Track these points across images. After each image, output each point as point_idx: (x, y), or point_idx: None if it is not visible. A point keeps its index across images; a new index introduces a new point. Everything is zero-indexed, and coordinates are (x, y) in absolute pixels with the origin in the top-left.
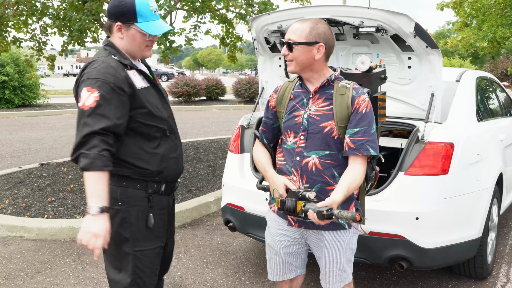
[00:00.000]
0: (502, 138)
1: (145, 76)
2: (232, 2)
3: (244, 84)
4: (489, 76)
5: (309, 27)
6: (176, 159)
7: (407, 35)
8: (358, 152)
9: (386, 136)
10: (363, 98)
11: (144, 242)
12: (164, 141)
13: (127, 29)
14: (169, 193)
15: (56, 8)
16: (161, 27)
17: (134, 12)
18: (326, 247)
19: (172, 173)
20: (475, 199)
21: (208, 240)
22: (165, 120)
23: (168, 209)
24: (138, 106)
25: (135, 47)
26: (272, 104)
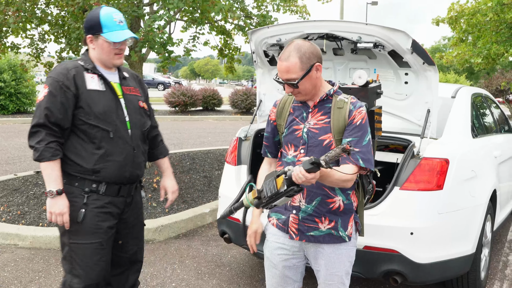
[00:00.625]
0: (497, 155)
1: (106, 82)
2: (231, 14)
3: (240, 95)
4: (484, 93)
5: (299, 58)
6: (120, 163)
7: (404, 51)
8: (348, 160)
9: (382, 150)
10: (360, 110)
11: (78, 236)
12: (107, 143)
13: (96, 39)
14: (114, 194)
15: (55, 15)
16: (123, 35)
17: (99, 24)
18: (325, 259)
19: (112, 175)
20: (470, 215)
21: (203, 251)
22: (112, 124)
23: (119, 211)
24: (82, 105)
25: (104, 55)
26: (272, 118)
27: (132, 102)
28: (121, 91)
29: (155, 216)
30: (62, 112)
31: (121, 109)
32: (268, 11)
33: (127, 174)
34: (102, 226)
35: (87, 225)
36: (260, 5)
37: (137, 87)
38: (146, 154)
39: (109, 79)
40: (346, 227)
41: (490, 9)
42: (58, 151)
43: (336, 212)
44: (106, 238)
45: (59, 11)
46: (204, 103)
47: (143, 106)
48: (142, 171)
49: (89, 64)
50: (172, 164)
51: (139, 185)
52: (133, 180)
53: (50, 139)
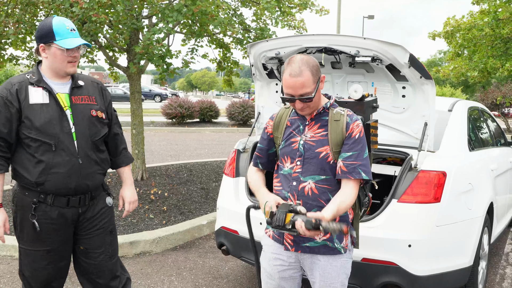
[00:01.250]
0: (493, 168)
1: (51, 94)
2: (229, 27)
3: (237, 107)
4: (480, 106)
5: (310, 71)
6: (63, 174)
7: (402, 65)
8: (350, 175)
9: (379, 163)
10: (357, 124)
11: (27, 242)
12: (49, 156)
13: (49, 48)
14: (63, 206)
15: None
16: (76, 42)
17: (52, 32)
18: (321, 271)
19: (58, 187)
20: (467, 227)
21: (200, 263)
22: (53, 136)
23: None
24: (24, 119)
25: (57, 63)
26: (269, 130)
27: (82, 111)
28: (68, 102)
29: (152, 227)
30: (7, 127)
31: (66, 120)
32: (266, 25)
33: (72, 186)
34: (51, 235)
35: (35, 234)
36: (259, 19)
37: (94, 95)
38: (104, 162)
39: (57, 90)
40: (342, 239)
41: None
42: (1, 166)
43: None
44: (56, 246)
45: None
46: (201, 115)
47: (97, 115)
48: (96, 180)
49: (36, 77)
50: (170, 175)
51: (103, 193)
52: (82, 191)
53: None
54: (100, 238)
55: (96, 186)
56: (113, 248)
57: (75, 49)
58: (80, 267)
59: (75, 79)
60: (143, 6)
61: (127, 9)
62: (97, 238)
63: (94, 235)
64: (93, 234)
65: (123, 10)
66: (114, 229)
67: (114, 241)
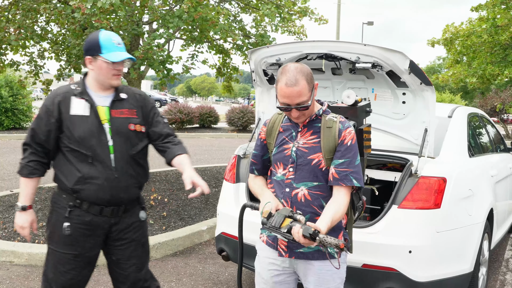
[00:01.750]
0: (493, 174)
1: (92, 106)
2: (230, 33)
3: (237, 112)
4: (480, 113)
5: (305, 80)
6: (99, 186)
7: (402, 72)
8: (342, 182)
9: (380, 169)
10: (349, 131)
11: (57, 243)
12: (86, 167)
13: (95, 60)
14: (97, 213)
15: (55, 33)
16: (122, 56)
17: (98, 46)
18: (315, 276)
19: (92, 197)
20: (467, 233)
21: (200, 269)
22: (91, 148)
23: (103, 230)
24: (64, 130)
25: (102, 76)
26: (262, 136)
27: (120, 125)
28: (107, 115)
29: (152, 233)
30: (46, 135)
31: (104, 134)
32: (266, 31)
33: (106, 198)
34: (80, 240)
35: (66, 237)
36: (258, 25)
37: (135, 108)
38: (140, 176)
39: (98, 103)
40: None
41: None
42: (36, 170)
43: None
44: (84, 252)
45: (60, 28)
46: (200, 121)
47: (135, 129)
48: (131, 194)
49: (80, 88)
50: (169, 181)
51: (138, 206)
52: (116, 203)
53: (31, 158)
54: (131, 250)
55: (131, 199)
56: (143, 260)
57: (120, 62)
58: (111, 274)
59: (118, 92)
60: (144, 12)
61: (128, 15)
62: (128, 250)
63: (126, 247)
64: (125, 246)
65: (124, 16)
66: (146, 242)
67: (145, 253)
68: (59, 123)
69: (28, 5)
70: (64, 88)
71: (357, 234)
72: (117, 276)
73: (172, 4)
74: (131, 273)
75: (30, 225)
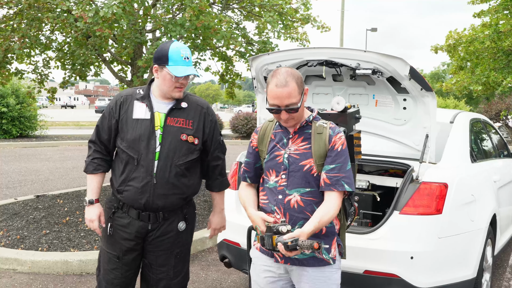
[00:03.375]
0: (496, 179)
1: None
2: (232, 41)
3: (241, 119)
4: (482, 118)
5: (295, 82)
6: (137, 189)
7: (402, 78)
8: (334, 187)
9: (381, 175)
10: (339, 136)
11: (104, 242)
12: (131, 169)
13: (161, 70)
14: (135, 217)
15: (60, 42)
16: (185, 71)
17: (166, 57)
18: (310, 283)
19: (131, 199)
20: (469, 239)
21: (203, 276)
22: (138, 152)
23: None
24: (120, 131)
25: (164, 86)
26: (254, 144)
27: (172, 134)
28: (162, 122)
29: None
30: (107, 134)
31: (154, 139)
32: (268, 38)
33: (142, 202)
34: (120, 242)
35: (109, 237)
36: (261, 32)
37: (193, 119)
38: (186, 187)
39: (157, 108)
40: (330, 250)
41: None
42: (100, 166)
43: (319, 235)
44: (122, 254)
45: (64, 37)
46: None
47: (187, 140)
48: (169, 203)
49: (143, 93)
50: None
51: (180, 216)
52: (152, 210)
53: (96, 155)
54: (164, 258)
55: (170, 209)
56: (177, 270)
57: (183, 76)
58: (142, 276)
59: (180, 101)
60: (147, 20)
61: (131, 24)
62: (161, 258)
63: (159, 254)
64: (159, 253)
65: (127, 24)
66: (181, 253)
67: (180, 264)
68: (117, 124)
69: (32, 14)
70: (128, 91)
71: (359, 240)
72: (148, 279)
73: (175, 12)
74: (162, 279)
75: (98, 218)
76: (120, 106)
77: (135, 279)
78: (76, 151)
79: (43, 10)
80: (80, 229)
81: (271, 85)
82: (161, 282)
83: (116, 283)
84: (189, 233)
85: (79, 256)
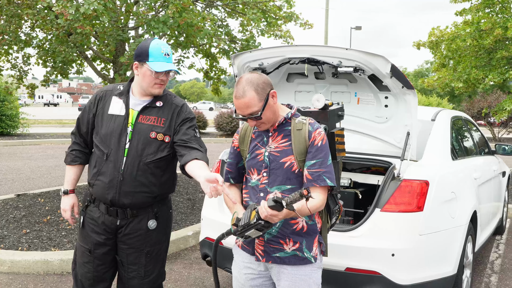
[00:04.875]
0: (476, 177)
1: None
2: (216, 39)
3: (226, 117)
4: (463, 116)
5: (254, 91)
6: (105, 184)
7: (384, 76)
8: (316, 183)
9: (363, 172)
10: (319, 132)
11: (79, 236)
12: (101, 163)
13: (141, 67)
14: (104, 212)
15: (41, 39)
16: (165, 66)
17: (147, 53)
18: (289, 281)
19: (99, 194)
20: (450, 236)
21: (185, 275)
22: (109, 147)
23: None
24: (95, 125)
25: (144, 83)
26: (235, 144)
27: (141, 131)
28: (133, 119)
29: None
30: (86, 127)
31: (124, 136)
32: (252, 35)
33: (109, 197)
34: (91, 235)
35: (82, 230)
36: (245, 30)
37: (165, 117)
38: (155, 186)
39: (132, 106)
40: (311, 248)
41: (469, 35)
42: (78, 158)
43: (300, 233)
44: (93, 248)
45: (45, 34)
46: None
47: (156, 137)
48: (136, 201)
49: (122, 89)
50: None
51: (150, 214)
52: (118, 206)
53: (74, 147)
54: (135, 256)
55: (137, 207)
56: (148, 269)
57: (163, 73)
58: (118, 272)
59: (154, 100)
60: (129, 17)
61: (113, 21)
62: (131, 256)
63: (129, 252)
64: (129, 251)
65: (109, 21)
66: (152, 252)
67: (151, 263)
68: (94, 118)
69: (11, 11)
70: (109, 86)
71: (340, 238)
72: (121, 276)
73: (157, 9)
74: (134, 278)
75: (71, 208)
76: (98, 100)
77: (109, 275)
78: (59, 150)
79: (22, 7)
80: (61, 228)
81: (233, 95)
82: (132, 281)
83: (89, 277)
84: (161, 232)
85: (60, 255)
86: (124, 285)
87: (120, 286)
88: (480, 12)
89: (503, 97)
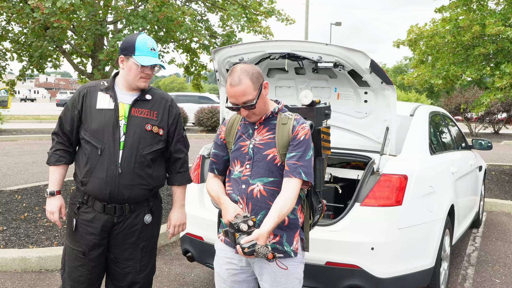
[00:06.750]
0: (454, 171)
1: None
2: (196, 34)
3: (206, 113)
4: (441, 111)
5: (250, 79)
6: (102, 180)
7: (363, 71)
8: (291, 174)
9: (343, 167)
10: (303, 127)
11: (69, 239)
12: (95, 159)
13: (127, 60)
14: (100, 211)
15: (16, 33)
16: (151, 61)
17: (133, 47)
18: (271, 276)
19: (95, 191)
20: (428, 229)
21: (166, 271)
22: (102, 141)
23: (105, 228)
24: (83, 121)
25: (130, 76)
26: (222, 136)
27: (136, 124)
28: (126, 112)
29: None
30: (70, 125)
31: (118, 130)
32: (233, 31)
33: (107, 192)
34: (86, 237)
35: (74, 233)
36: (225, 24)
37: (157, 111)
38: (152, 178)
39: (121, 99)
40: (292, 242)
41: (448, 32)
42: (62, 157)
43: (281, 227)
44: (88, 250)
45: (21, 28)
46: None
47: (151, 130)
48: (135, 194)
49: (107, 84)
50: None
51: (146, 209)
52: (118, 201)
53: (58, 147)
54: (130, 252)
55: (136, 200)
56: (143, 264)
57: (149, 67)
58: (108, 270)
59: (143, 93)
60: (108, 11)
61: (91, 15)
62: (127, 252)
63: (125, 248)
64: (125, 246)
65: (86, 15)
66: (147, 246)
67: (146, 257)
68: (80, 115)
69: None
70: (92, 83)
71: (321, 232)
72: (114, 273)
73: (137, 3)
74: (129, 273)
75: (59, 210)
76: (83, 97)
77: (102, 275)
78: (36, 146)
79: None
80: (39, 225)
81: (227, 84)
82: (127, 276)
83: (83, 280)
84: (155, 227)
85: (38, 252)
86: (114, 283)
87: (109, 285)
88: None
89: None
